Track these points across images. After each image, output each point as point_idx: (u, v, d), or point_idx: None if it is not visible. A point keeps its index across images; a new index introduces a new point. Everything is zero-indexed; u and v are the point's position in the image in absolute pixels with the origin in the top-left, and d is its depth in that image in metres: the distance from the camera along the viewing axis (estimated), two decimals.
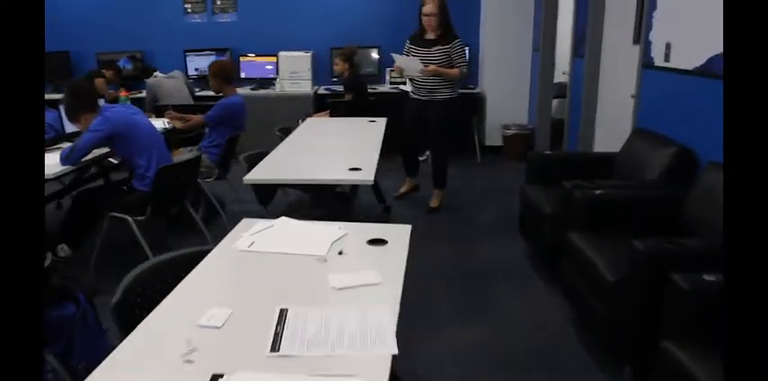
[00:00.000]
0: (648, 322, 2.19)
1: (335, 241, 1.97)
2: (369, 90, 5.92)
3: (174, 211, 3.84)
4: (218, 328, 1.45)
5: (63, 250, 3.59)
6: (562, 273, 3.03)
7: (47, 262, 2.03)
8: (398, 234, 2.01)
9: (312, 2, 6.46)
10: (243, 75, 6.44)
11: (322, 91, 6.37)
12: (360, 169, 2.91)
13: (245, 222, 2.19)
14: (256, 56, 6.39)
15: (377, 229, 2.08)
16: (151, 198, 3.37)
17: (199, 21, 6.51)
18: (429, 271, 3.51)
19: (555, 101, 5.99)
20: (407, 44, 4.38)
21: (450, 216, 4.52)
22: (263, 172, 2.96)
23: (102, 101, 3.94)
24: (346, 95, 5.65)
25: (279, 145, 3.62)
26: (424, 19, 4.20)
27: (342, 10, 6.45)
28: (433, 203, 4.58)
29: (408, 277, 3.45)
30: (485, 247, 3.91)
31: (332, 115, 5.51)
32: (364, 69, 6.28)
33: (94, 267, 3.43)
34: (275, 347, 1.36)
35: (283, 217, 2.20)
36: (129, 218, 3.36)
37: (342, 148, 3.56)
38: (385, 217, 4.49)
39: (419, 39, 4.32)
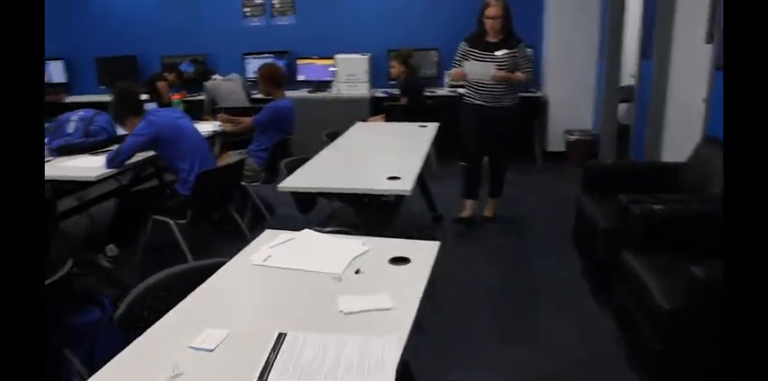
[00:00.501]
0: (708, 358, 1.96)
1: (356, 258, 1.85)
2: (426, 93, 5.80)
3: (218, 215, 3.84)
4: (210, 351, 1.36)
5: (111, 249, 3.66)
6: (614, 294, 2.79)
7: (66, 269, 2.00)
8: (424, 253, 1.87)
9: (370, 4, 6.37)
10: (301, 78, 6.44)
11: (379, 94, 6.27)
12: (399, 178, 2.78)
13: (267, 233, 2.10)
14: (314, 58, 6.36)
15: (402, 246, 1.94)
16: (192, 202, 3.35)
17: (258, 24, 6.55)
18: (471, 285, 3.35)
19: (621, 106, 5.65)
20: (465, 47, 4.10)
21: (502, 225, 4.31)
22: (300, 179, 2.88)
23: (152, 105, 4.00)
24: (402, 99, 5.55)
25: (322, 150, 3.53)
26: (488, 22, 3.93)
27: (401, 12, 6.33)
28: (488, 212, 4.37)
29: (450, 290, 3.30)
30: (536, 260, 3.70)
31: (388, 119, 5.41)
32: (424, 72, 6.14)
33: (138, 268, 3.45)
34: (263, 376, 1.25)
35: (307, 230, 2.10)
36: (171, 222, 3.37)
37: (385, 155, 3.44)
38: (434, 226, 4.34)
39: (480, 43, 4.02)
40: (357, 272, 1.75)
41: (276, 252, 1.91)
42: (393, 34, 6.27)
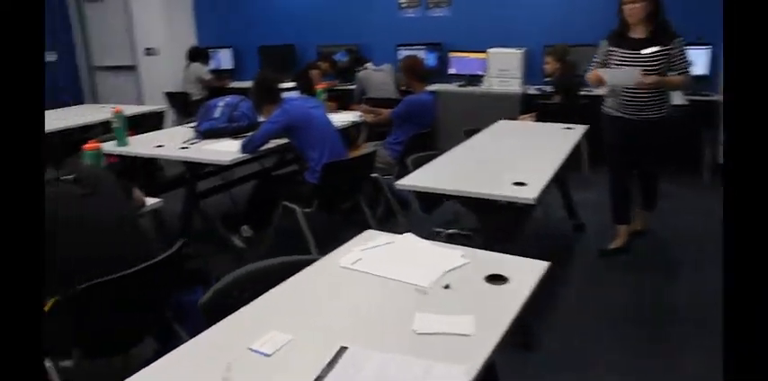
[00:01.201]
0: None
1: (450, 271, 1.70)
2: (582, 92, 5.39)
3: (348, 206, 3.85)
4: (267, 356, 1.30)
5: (245, 230, 3.81)
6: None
7: (175, 248, 2.06)
8: (527, 273, 1.67)
9: None
10: (452, 71, 6.30)
11: (532, 91, 5.94)
12: (525, 184, 2.56)
13: (367, 234, 2.02)
14: (467, 52, 6.18)
15: (505, 262, 1.75)
16: (318, 191, 3.38)
17: (413, 15, 6.50)
18: (599, 309, 3.03)
19: None
20: (605, 46, 3.41)
21: (651, 243, 3.86)
22: (420, 177, 2.76)
23: (293, 93, 4.09)
24: (555, 97, 5.23)
25: (454, 148, 3.38)
26: (626, 8, 3.18)
27: (560, 5, 5.93)
28: (639, 225, 3.88)
29: (571, 313, 3.01)
30: (682, 288, 3.26)
31: (538, 117, 5.12)
32: (581, 69, 5.71)
33: (266, 252, 3.56)
34: None
35: (408, 234, 1.98)
36: (298, 209, 3.42)
37: (517, 157, 3.20)
38: (573, 236, 4.02)
39: (623, 40, 3.31)
40: (446, 287, 1.60)
41: (368, 255, 1.82)
42: (551, 29, 5.90)
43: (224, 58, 7.42)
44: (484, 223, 2.75)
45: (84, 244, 1.97)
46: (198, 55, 6.76)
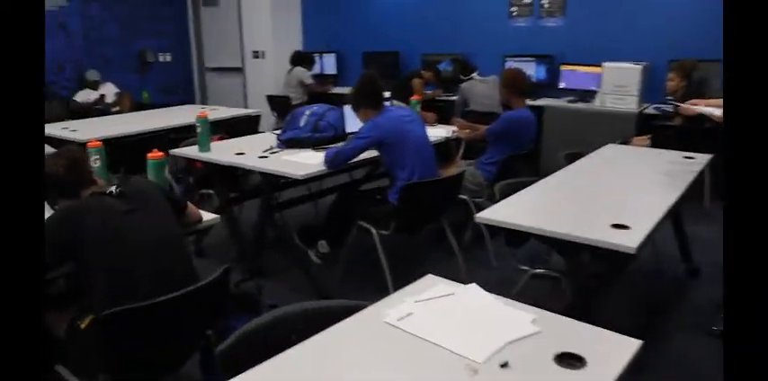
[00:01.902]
0: None
1: (513, 341, 1.39)
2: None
3: (433, 228, 3.58)
4: None
5: (322, 246, 3.64)
6: None
7: (215, 276, 1.90)
8: (611, 355, 1.33)
9: (652, 7, 5.47)
10: (562, 86, 5.86)
11: (650, 110, 5.38)
12: (627, 227, 2.17)
13: (427, 280, 1.74)
14: (580, 65, 5.71)
15: (585, 336, 1.42)
16: (397, 213, 3.13)
17: (523, 25, 6.10)
18: (702, 371, 2.56)
19: None
20: None
21: None
22: (504, 210, 2.43)
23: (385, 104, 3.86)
24: (675, 118, 4.69)
25: (551, 175, 3.01)
26: None
27: (690, 15, 5.31)
28: None
29: (673, 375, 2.55)
30: None
31: (654, 141, 4.61)
32: (711, 88, 5.09)
33: (339, 274, 3.39)
34: None
35: (473, 285, 1.69)
36: (374, 230, 3.19)
37: (622, 191, 2.78)
38: (683, 279, 3.51)
39: None
40: (503, 366, 1.30)
41: (420, 309, 1.55)
42: (677, 42, 5.30)
43: (327, 64, 7.39)
44: (571, 268, 2.39)
45: (123, 263, 1.86)
46: (301, 59, 6.74)
